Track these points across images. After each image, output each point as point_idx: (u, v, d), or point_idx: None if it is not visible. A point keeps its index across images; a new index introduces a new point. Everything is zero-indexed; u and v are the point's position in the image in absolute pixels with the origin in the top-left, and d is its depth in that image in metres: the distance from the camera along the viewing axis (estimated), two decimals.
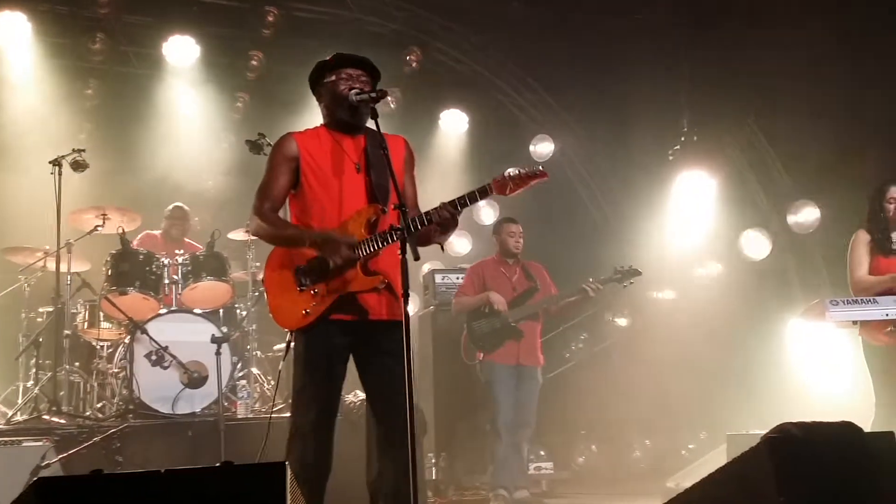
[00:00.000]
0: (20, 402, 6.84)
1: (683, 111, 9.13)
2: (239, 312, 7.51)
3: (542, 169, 3.89)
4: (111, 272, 6.91)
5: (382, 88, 4.02)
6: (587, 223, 10.27)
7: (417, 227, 3.79)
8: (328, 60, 4.17)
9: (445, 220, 3.82)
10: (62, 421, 6.28)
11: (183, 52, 8.88)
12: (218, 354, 6.28)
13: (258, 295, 7.35)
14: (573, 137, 10.12)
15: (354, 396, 6.22)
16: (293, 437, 3.96)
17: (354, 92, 3.97)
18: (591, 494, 7.83)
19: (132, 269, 6.94)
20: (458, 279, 7.86)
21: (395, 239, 3.82)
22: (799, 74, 7.66)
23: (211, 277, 7.12)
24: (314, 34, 9.15)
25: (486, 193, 3.86)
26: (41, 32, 8.53)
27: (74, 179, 7.22)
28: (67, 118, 8.92)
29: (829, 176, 7.93)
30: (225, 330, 6.91)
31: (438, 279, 8.18)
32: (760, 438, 3.17)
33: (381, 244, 3.90)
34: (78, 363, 7.19)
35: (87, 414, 6.73)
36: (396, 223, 3.69)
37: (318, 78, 4.18)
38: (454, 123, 10.16)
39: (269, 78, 9.40)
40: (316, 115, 4.32)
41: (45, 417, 6.35)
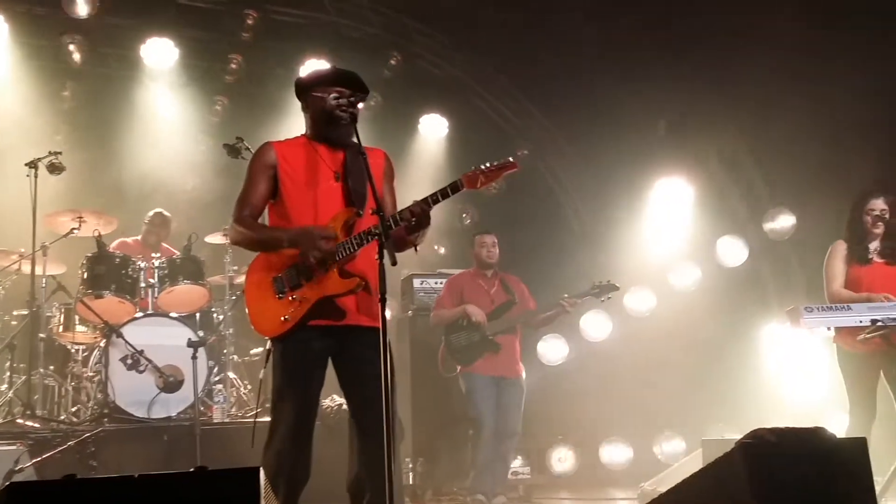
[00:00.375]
0: None
1: (662, 118, 9.18)
2: (216, 316, 7.48)
3: (511, 160, 3.90)
4: (87, 275, 6.87)
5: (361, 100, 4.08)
6: (565, 228, 10.31)
7: (392, 226, 3.80)
8: (322, 73, 4.21)
9: (417, 216, 3.83)
10: (36, 425, 6.24)
11: (161, 54, 8.86)
12: (194, 358, 6.26)
13: (235, 299, 7.33)
14: (552, 142, 10.15)
15: (331, 401, 6.21)
16: (270, 442, 3.97)
17: (343, 112, 3.99)
18: (567, 499, 7.85)
19: (108, 272, 6.91)
20: (436, 284, 7.86)
21: (370, 240, 3.84)
22: (779, 83, 7.72)
23: (187, 281, 7.11)
24: (292, 38, 9.14)
25: (457, 189, 3.88)
26: (18, 34, 8.48)
27: (51, 182, 7.17)
28: (44, 120, 8.85)
29: (805, 183, 8.01)
30: (201, 334, 6.88)
31: (417, 284, 8.17)
32: (735, 444, 3.19)
33: (357, 246, 3.92)
34: (53, 367, 7.14)
35: (61, 418, 6.69)
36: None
37: (307, 87, 4.18)
38: (434, 128, 10.18)
39: (247, 81, 9.37)
40: (294, 118, 4.33)
41: (19, 421, 6.31)
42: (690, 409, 8.33)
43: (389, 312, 7.20)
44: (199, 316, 7.36)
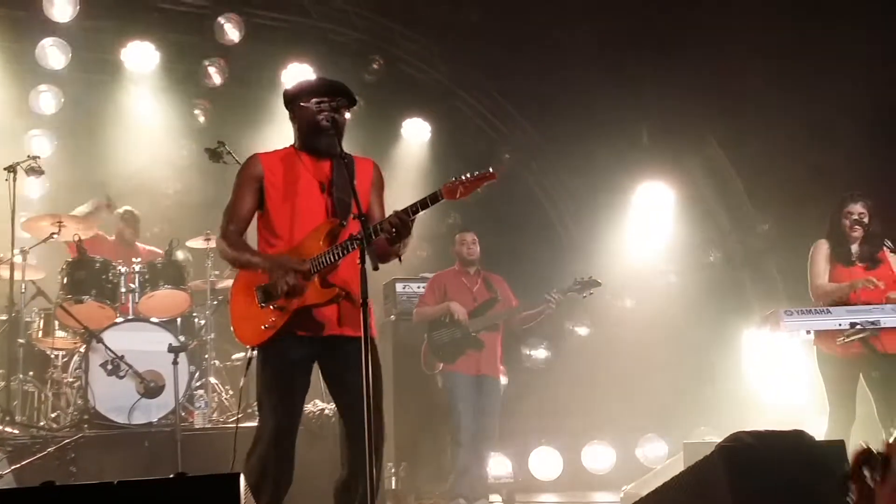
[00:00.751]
0: None
1: (644, 123, 9.23)
2: (197, 321, 7.44)
3: (491, 171, 3.91)
4: (67, 280, 6.81)
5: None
6: (548, 231, 10.32)
7: (372, 235, 3.79)
8: (309, 84, 4.22)
9: (397, 226, 3.82)
10: (15, 431, 6.18)
11: (142, 58, 8.81)
12: (175, 364, 6.21)
13: (216, 304, 7.29)
14: (535, 146, 10.17)
15: (314, 406, 6.19)
16: (254, 448, 3.98)
17: (326, 120, 4.00)
18: (550, 503, 7.86)
19: (88, 277, 6.85)
20: (419, 288, 7.85)
21: (351, 249, 3.83)
22: (760, 90, 7.78)
23: (168, 286, 7.06)
24: (275, 41, 9.12)
25: (436, 199, 3.86)
26: None
27: (30, 186, 7.11)
28: (24, 123, 8.78)
29: (785, 188, 8.06)
30: (182, 339, 6.84)
31: (399, 288, 8.16)
32: (715, 447, 3.21)
33: (338, 255, 3.90)
34: (32, 372, 7.07)
35: (41, 424, 6.63)
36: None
37: (294, 98, 4.18)
38: (416, 132, 10.16)
39: (229, 85, 9.33)
40: (276, 124, 4.34)
41: None
42: (672, 412, 8.36)
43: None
44: (180, 321, 7.31)
